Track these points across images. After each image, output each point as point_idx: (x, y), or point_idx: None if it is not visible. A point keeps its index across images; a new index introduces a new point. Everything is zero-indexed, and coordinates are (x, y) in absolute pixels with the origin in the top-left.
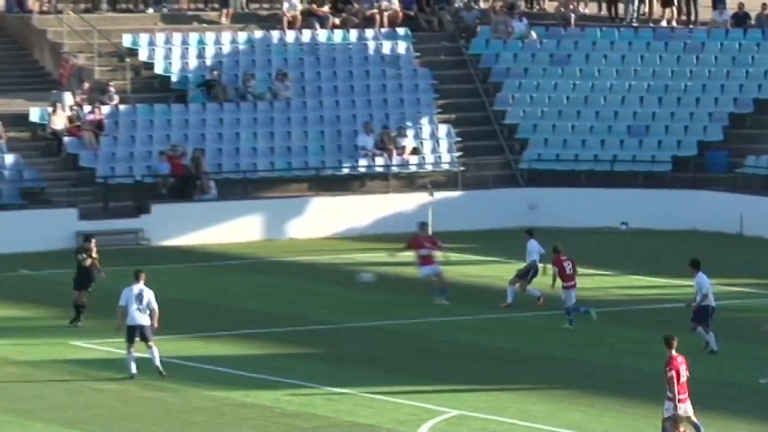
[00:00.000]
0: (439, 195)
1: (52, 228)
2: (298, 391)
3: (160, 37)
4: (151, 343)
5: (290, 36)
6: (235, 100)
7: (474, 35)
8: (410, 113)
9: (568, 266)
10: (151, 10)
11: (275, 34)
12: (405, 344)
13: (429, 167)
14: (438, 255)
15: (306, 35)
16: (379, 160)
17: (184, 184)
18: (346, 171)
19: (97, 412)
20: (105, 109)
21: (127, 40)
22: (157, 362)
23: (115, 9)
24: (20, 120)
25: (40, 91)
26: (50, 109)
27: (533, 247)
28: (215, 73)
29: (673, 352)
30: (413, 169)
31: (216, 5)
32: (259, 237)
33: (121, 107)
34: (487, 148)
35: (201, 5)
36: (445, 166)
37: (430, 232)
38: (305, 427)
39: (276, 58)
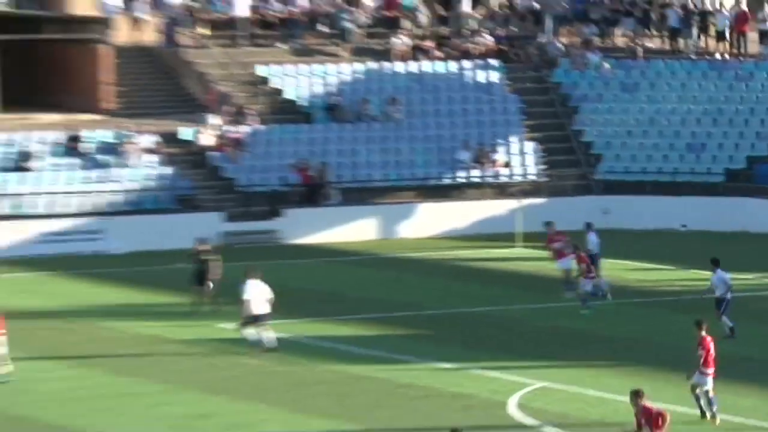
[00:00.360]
0: (526, 202)
1: (201, 229)
2: (409, 366)
3: (289, 68)
4: (267, 327)
5: (400, 67)
6: (353, 120)
7: (556, 66)
8: (501, 132)
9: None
10: (282, 45)
11: (387, 65)
12: (503, 327)
13: (518, 178)
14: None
15: (413, 66)
16: (475, 172)
17: (311, 192)
18: (447, 181)
19: (240, 383)
20: (244, 129)
21: (261, 71)
22: (272, 343)
23: (251, 44)
24: (172, 138)
25: (189, 113)
26: (199, 129)
27: (592, 238)
28: (337, 98)
29: (704, 333)
30: (504, 179)
31: (337, 41)
32: (375, 236)
33: (257, 127)
34: (566, 162)
35: (324, 41)
36: (531, 177)
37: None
38: (415, 395)
39: (388, 86)
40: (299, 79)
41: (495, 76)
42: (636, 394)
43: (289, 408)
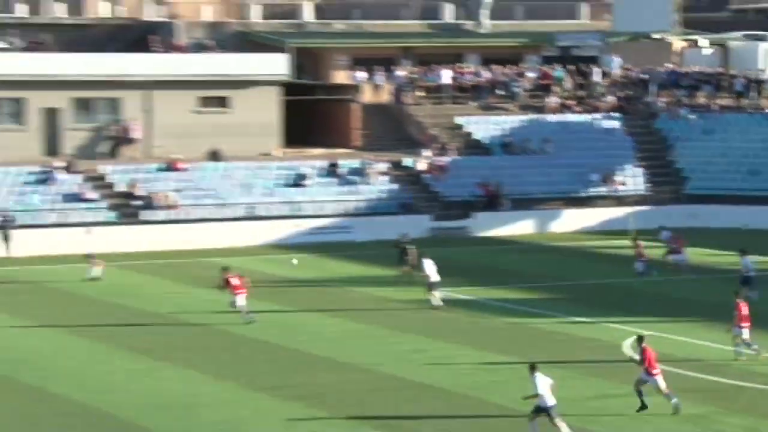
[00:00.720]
0: (636, 209)
1: (416, 225)
2: (555, 319)
3: (477, 118)
4: (435, 293)
5: (552, 118)
6: (519, 153)
7: (657, 117)
8: (620, 161)
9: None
10: (472, 103)
11: (542, 117)
12: (623, 294)
13: (630, 192)
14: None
15: (560, 117)
16: (602, 188)
17: (491, 201)
18: (582, 194)
19: (440, 329)
20: (446, 159)
21: (459, 120)
22: (438, 303)
23: (452, 102)
24: (398, 165)
25: (410, 149)
26: (416, 159)
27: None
28: (509, 138)
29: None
30: (621, 193)
31: (509, 100)
32: (533, 231)
33: (455, 158)
34: (664, 182)
35: (501, 100)
36: (640, 192)
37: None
38: (558, 339)
39: (543, 130)
40: (484, 126)
41: (616, 124)
42: (639, 339)
43: (476, 347)
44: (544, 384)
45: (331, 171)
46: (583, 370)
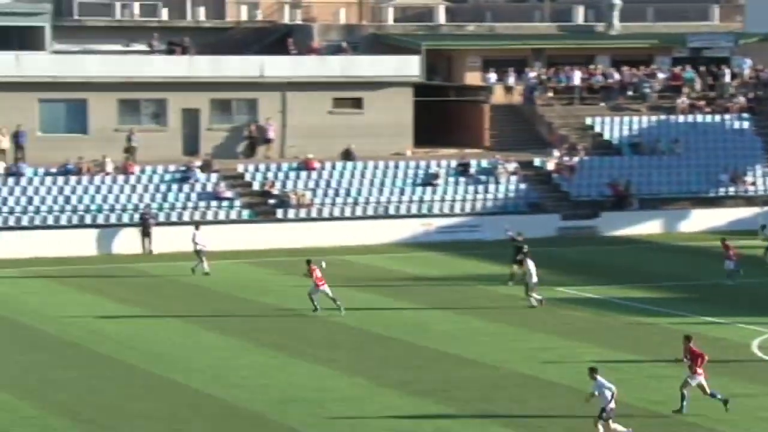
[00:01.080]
0: (766, 209)
1: (545, 224)
2: (683, 318)
3: (607, 119)
4: (534, 294)
5: (681, 118)
6: (649, 154)
7: None
8: (749, 162)
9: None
10: (602, 104)
11: (673, 117)
12: (748, 293)
13: (760, 192)
14: None
15: (690, 118)
16: (731, 188)
17: (619, 201)
18: (711, 194)
19: (568, 328)
20: (575, 159)
21: (588, 121)
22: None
23: (582, 103)
24: (528, 165)
25: (539, 149)
26: (545, 159)
27: None
28: (638, 138)
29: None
30: (751, 193)
31: (639, 101)
32: (661, 231)
33: (584, 158)
34: None
35: (630, 101)
36: None
37: None
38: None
39: (673, 131)
40: (613, 126)
41: (746, 125)
42: (687, 338)
43: (602, 345)
44: (603, 387)
45: (462, 170)
46: (711, 370)
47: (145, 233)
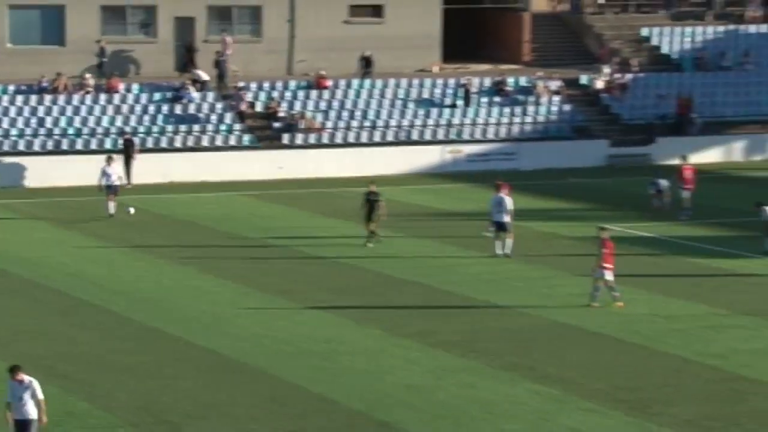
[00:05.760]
0: None
1: (592, 152)
2: (751, 261)
3: (666, 30)
4: (507, 235)
5: (752, 28)
6: (713, 70)
7: None
8: None
9: None
10: (661, 12)
11: (742, 28)
12: None
13: None
14: None
15: (763, 28)
16: None
17: (680, 124)
18: None
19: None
20: (628, 76)
21: (644, 32)
22: (508, 250)
23: (638, 11)
24: (573, 83)
25: (587, 64)
26: (594, 76)
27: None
28: (702, 52)
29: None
30: None
31: (704, 8)
32: (726, 159)
33: (639, 75)
34: None
35: (695, 8)
36: None
37: None
38: (753, 283)
39: (742, 43)
40: (673, 38)
41: None
42: (602, 229)
43: (655, 291)
44: None
45: (497, 89)
46: None
47: (127, 162)
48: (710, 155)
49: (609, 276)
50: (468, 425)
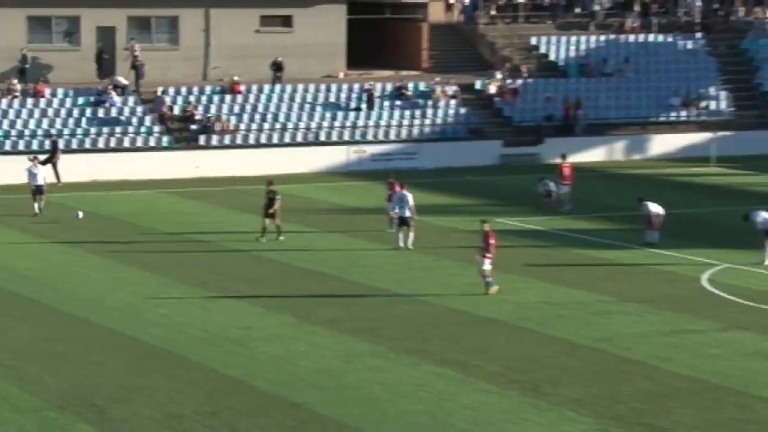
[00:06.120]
0: (721, 134)
1: (486, 151)
2: (630, 251)
3: (553, 38)
4: (410, 229)
5: (631, 38)
6: (596, 76)
7: (744, 36)
8: (702, 84)
9: None
10: (548, 22)
11: (622, 37)
12: (699, 223)
13: (713, 117)
14: None
15: (641, 37)
16: (683, 113)
17: (566, 126)
18: (662, 119)
19: (503, 261)
20: (518, 82)
21: (533, 40)
22: (410, 243)
23: (527, 21)
24: (468, 88)
25: (481, 71)
26: (487, 82)
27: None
28: (586, 59)
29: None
30: (703, 118)
31: (587, 19)
32: (609, 158)
33: (528, 80)
34: (749, 106)
35: (578, 19)
36: (723, 116)
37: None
38: (635, 272)
39: (622, 51)
40: (560, 46)
41: (699, 44)
42: (483, 222)
43: (544, 280)
44: None
45: (398, 94)
46: (658, 305)
47: (51, 162)
48: (594, 154)
49: (487, 265)
50: (374, 406)
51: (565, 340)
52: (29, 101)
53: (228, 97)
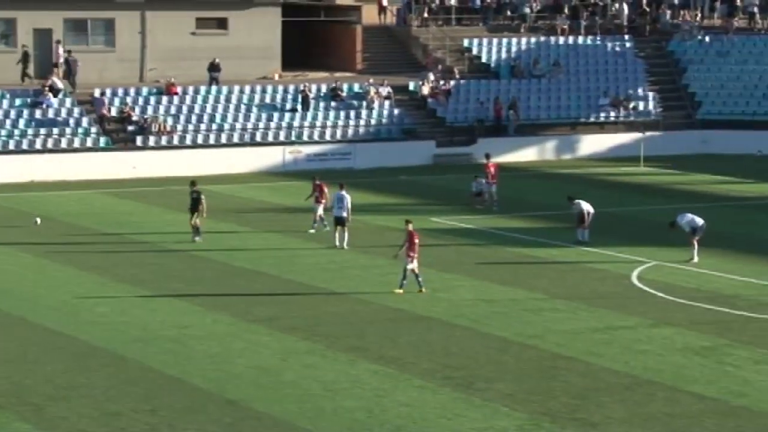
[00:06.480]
0: (649, 134)
1: (420, 152)
2: (560, 248)
3: (485, 41)
4: (345, 229)
5: (561, 40)
6: (527, 77)
7: (670, 38)
8: (631, 85)
9: None
10: (480, 25)
11: (552, 39)
12: (627, 221)
13: (641, 117)
14: None
15: (570, 39)
16: (612, 113)
17: (497, 126)
18: (592, 119)
19: (440, 260)
20: (451, 83)
21: (466, 42)
22: (345, 243)
23: (459, 24)
24: (402, 89)
25: (414, 72)
26: (420, 83)
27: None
28: (516, 61)
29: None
30: (632, 118)
31: (518, 22)
32: (539, 158)
33: (461, 82)
34: (677, 106)
35: (509, 22)
36: (653, 117)
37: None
38: (567, 270)
39: (552, 52)
40: (491, 48)
41: (627, 46)
42: (407, 222)
43: (477, 277)
44: None
45: (332, 95)
46: (589, 302)
47: None
48: (526, 154)
49: (412, 264)
50: (311, 402)
51: (498, 336)
52: None
53: (164, 99)
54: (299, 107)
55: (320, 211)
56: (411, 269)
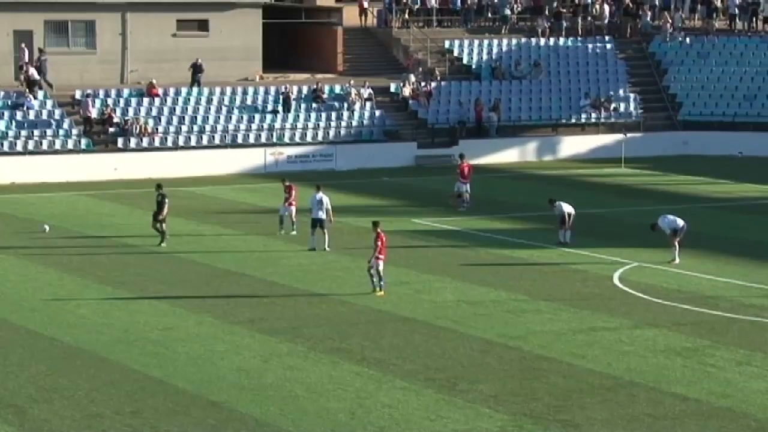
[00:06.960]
0: (630, 135)
1: (401, 153)
2: (543, 249)
3: (466, 42)
4: (325, 231)
5: (542, 41)
6: (508, 78)
7: (651, 40)
8: (612, 87)
9: None
10: (461, 26)
11: (534, 40)
12: (608, 223)
13: (623, 119)
14: None
15: (552, 41)
16: (593, 114)
17: (479, 127)
18: (573, 120)
19: (420, 261)
20: (432, 84)
21: (447, 44)
22: (326, 245)
23: (440, 25)
24: (383, 90)
25: (395, 74)
26: (401, 84)
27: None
28: (497, 62)
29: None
30: (613, 120)
31: (499, 23)
32: (521, 160)
33: (442, 83)
34: (657, 108)
35: (490, 23)
36: (633, 118)
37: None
38: (549, 271)
39: (534, 54)
40: (472, 50)
41: (608, 47)
42: (375, 224)
43: (460, 278)
44: None
45: (314, 96)
46: (572, 303)
47: None
48: (507, 155)
49: (380, 266)
50: (294, 404)
51: (481, 338)
52: None
53: (146, 100)
54: (281, 109)
55: (286, 212)
56: (379, 270)
